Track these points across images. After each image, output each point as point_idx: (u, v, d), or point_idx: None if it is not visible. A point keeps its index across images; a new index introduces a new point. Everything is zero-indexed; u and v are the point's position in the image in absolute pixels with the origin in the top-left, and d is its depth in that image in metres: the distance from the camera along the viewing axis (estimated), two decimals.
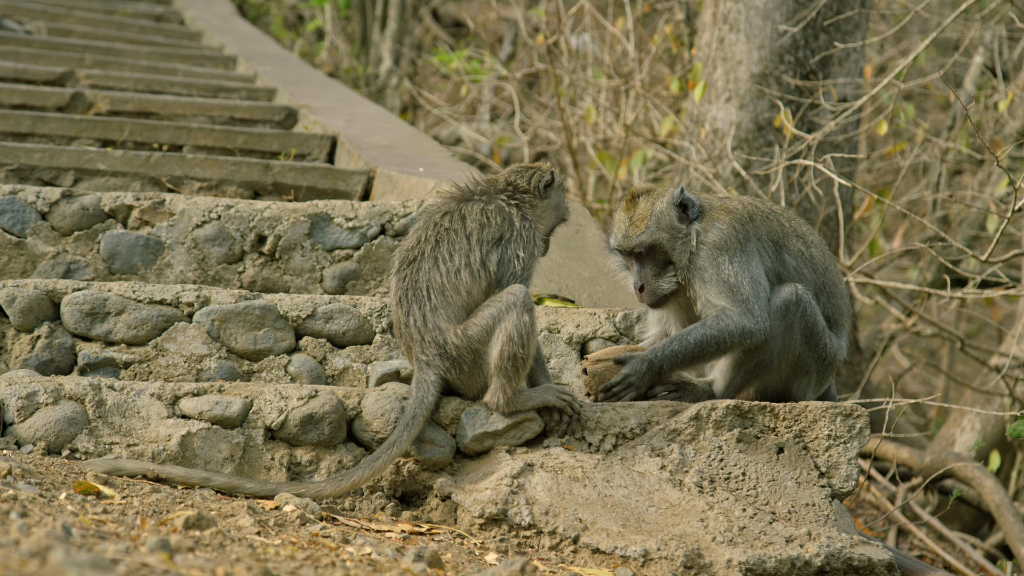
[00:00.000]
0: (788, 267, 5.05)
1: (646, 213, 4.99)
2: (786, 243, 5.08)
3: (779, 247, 5.06)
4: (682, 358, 4.91)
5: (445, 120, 12.84)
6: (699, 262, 4.96)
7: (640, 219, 4.99)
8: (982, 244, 10.29)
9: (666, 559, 4.40)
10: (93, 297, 5.27)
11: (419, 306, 4.61)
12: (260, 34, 12.40)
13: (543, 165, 4.94)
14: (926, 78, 10.05)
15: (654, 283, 5.00)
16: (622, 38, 10.17)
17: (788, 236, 5.09)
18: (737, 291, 4.91)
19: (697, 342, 4.89)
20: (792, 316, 4.94)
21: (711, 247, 4.95)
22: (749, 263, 4.95)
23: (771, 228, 5.07)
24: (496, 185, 4.84)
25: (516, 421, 4.66)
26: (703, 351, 4.90)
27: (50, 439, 4.53)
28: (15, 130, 7.79)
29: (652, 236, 4.97)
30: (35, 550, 2.97)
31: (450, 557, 4.18)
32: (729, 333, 4.88)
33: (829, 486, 4.75)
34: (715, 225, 4.98)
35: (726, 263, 4.92)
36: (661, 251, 4.98)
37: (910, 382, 12.79)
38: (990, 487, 7.89)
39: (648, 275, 5.00)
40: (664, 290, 5.00)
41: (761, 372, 4.99)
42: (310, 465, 4.67)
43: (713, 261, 4.93)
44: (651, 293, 5.00)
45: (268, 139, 8.10)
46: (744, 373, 5.00)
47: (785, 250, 5.06)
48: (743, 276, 4.92)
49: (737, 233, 4.97)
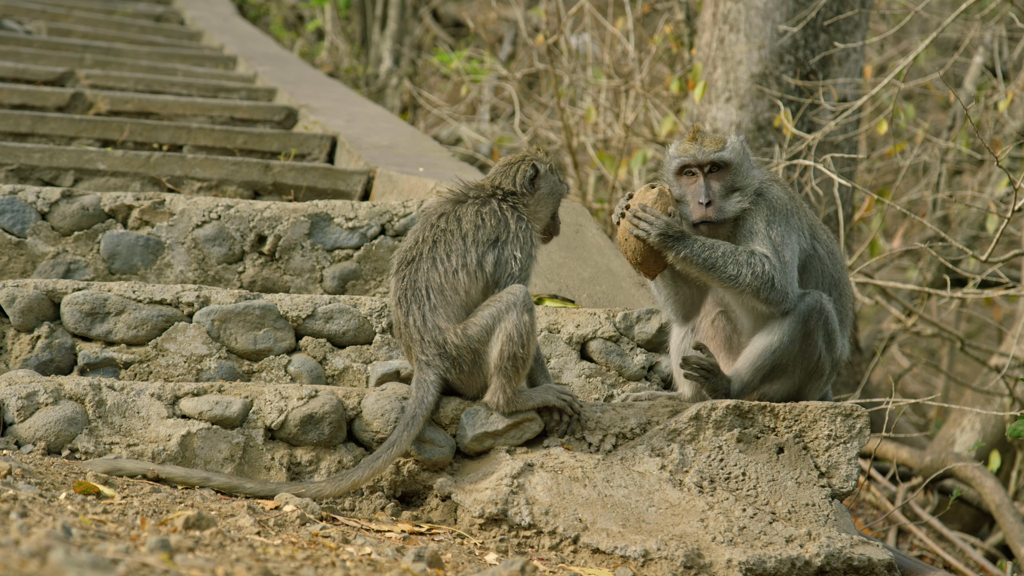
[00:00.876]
0: (818, 253, 5.06)
1: (721, 138, 4.97)
2: (816, 232, 5.11)
3: (814, 233, 5.09)
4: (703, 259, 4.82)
5: (445, 120, 12.85)
6: (760, 212, 4.95)
7: (713, 141, 4.96)
8: (982, 244, 10.30)
9: (666, 559, 4.40)
10: (93, 297, 5.27)
11: (418, 306, 4.62)
12: (260, 34, 12.40)
13: (526, 155, 4.87)
14: (926, 78, 10.05)
15: (721, 202, 4.93)
16: (622, 38, 10.17)
17: (817, 227, 5.13)
18: (779, 251, 4.89)
19: (724, 254, 4.84)
20: (813, 323, 4.94)
21: (767, 204, 4.96)
22: (791, 235, 4.96)
23: (808, 213, 5.12)
24: (486, 190, 4.82)
25: (516, 421, 4.66)
26: (724, 265, 4.82)
27: (50, 439, 4.53)
28: (15, 130, 7.79)
29: (731, 155, 4.94)
30: (35, 550, 2.97)
31: (450, 557, 4.18)
32: (754, 274, 4.83)
33: (829, 486, 4.75)
34: (773, 187, 5.00)
35: (776, 225, 4.93)
36: (730, 174, 4.94)
37: (910, 382, 12.79)
38: (990, 487, 7.89)
39: (716, 192, 4.93)
40: (729, 211, 4.93)
41: (777, 376, 4.99)
42: (310, 465, 4.67)
43: (764, 218, 4.93)
44: (718, 209, 4.92)
45: (268, 139, 8.10)
46: (762, 376, 4.98)
47: (816, 238, 5.09)
48: (787, 243, 4.92)
49: (788, 202, 5.00)
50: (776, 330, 4.93)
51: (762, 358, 4.95)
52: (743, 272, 4.83)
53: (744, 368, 4.99)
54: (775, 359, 4.94)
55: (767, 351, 4.94)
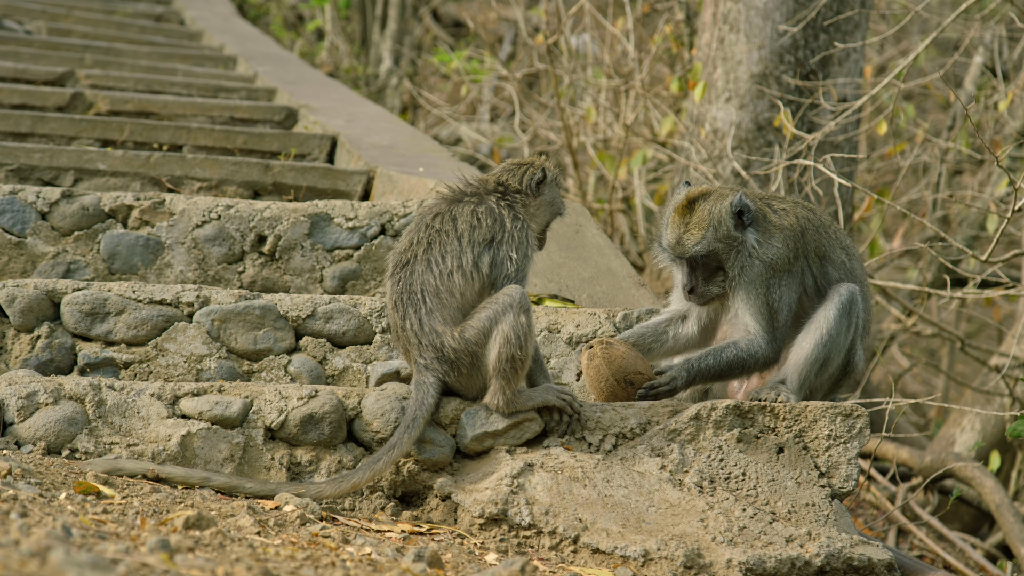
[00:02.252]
0: (830, 279, 5.15)
1: (703, 220, 5.01)
2: (831, 255, 5.17)
3: (824, 260, 5.16)
4: (715, 372, 5.04)
5: (445, 120, 12.84)
6: (751, 275, 5.03)
7: (697, 226, 5.02)
8: (982, 244, 10.29)
9: (666, 559, 4.40)
10: (93, 297, 5.27)
11: (414, 309, 4.60)
12: (260, 34, 12.40)
13: (536, 161, 4.89)
14: (926, 78, 10.04)
15: (704, 287, 5.08)
16: (622, 38, 10.17)
17: (833, 248, 5.19)
18: (774, 318, 5.04)
19: (729, 361, 5.03)
20: (854, 315, 5.03)
21: (766, 265, 5.03)
22: (791, 287, 5.08)
23: (819, 242, 5.15)
24: (487, 185, 4.81)
25: (516, 421, 4.66)
26: (732, 369, 5.05)
27: (50, 439, 4.53)
28: (15, 130, 7.79)
29: (709, 246, 5.02)
30: (35, 550, 2.97)
31: (450, 557, 4.18)
32: (755, 359, 5.04)
33: (829, 486, 4.75)
34: (772, 242, 5.06)
35: (775, 286, 5.04)
36: (715, 258, 5.04)
37: (910, 382, 12.79)
38: (990, 487, 7.89)
39: (699, 279, 5.07)
40: (713, 293, 5.10)
41: (824, 369, 5.04)
42: (310, 465, 4.67)
43: (764, 281, 5.03)
44: (701, 295, 5.09)
45: (268, 139, 8.10)
46: (818, 369, 5.03)
47: (829, 262, 5.16)
48: (783, 303, 5.05)
49: (789, 252, 5.06)
50: (821, 323, 5.03)
51: (816, 350, 4.99)
52: (746, 363, 5.05)
53: (799, 362, 5.01)
54: (827, 350, 5.00)
55: (819, 343, 5.00)
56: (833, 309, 5.02)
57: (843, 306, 5.02)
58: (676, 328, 5.25)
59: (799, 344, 5.03)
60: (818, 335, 5.00)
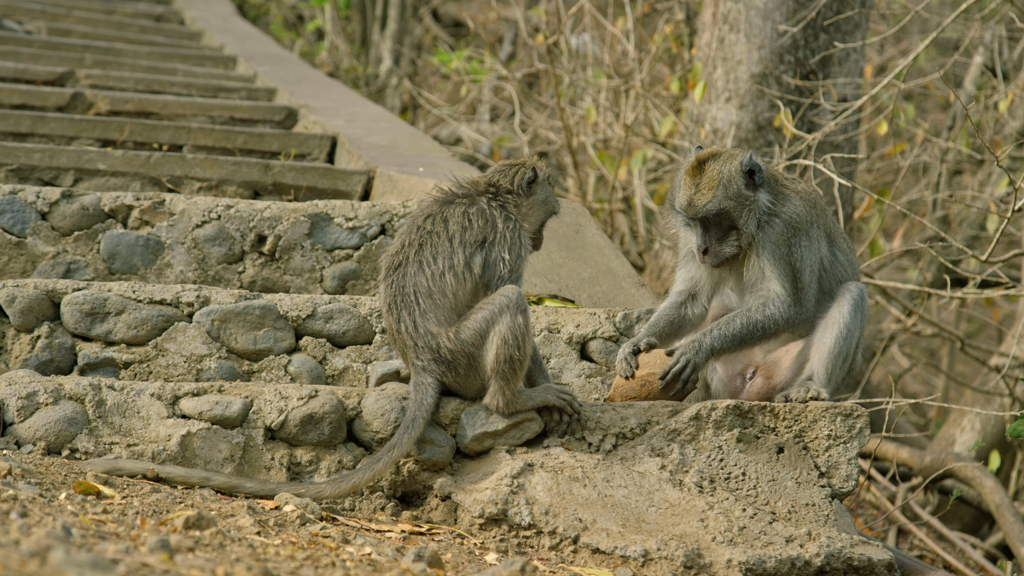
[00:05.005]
0: (838, 260, 5.14)
1: (713, 180, 4.99)
2: (835, 238, 5.16)
3: (831, 240, 5.14)
4: (729, 340, 4.97)
5: (445, 120, 12.84)
6: (771, 234, 4.99)
7: (707, 185, 4.99)
8: (982, 244, 10.29)
9: (666, 559, 4.40)
10: (93, 297, 5.27)
11: (408, 312, 4.59)
12: (260, 34, 12.40)
13: (527, 161, 4.88)
14: (926, 78, 10.04)
15: (718, 247, 5.02)
16: (622, 38, 10.17)
17: (836, 232, 5.17)
18: (797, 278, 4.99)
19: (743, 326, 4.97)
20: (863, 312, 5.05)
21: (786, 223, 5.00)
22: (811, 249, 5.04)
23: (827, 219, 5.16)
24: (479, 186, 4.79)
25: (516, 421, 4.66)
26: (749, 335, 4.99)
27: (50, 439, 4.53)
28: (15, 130, 7.79)
29: (720, 204, 4.98)
30: (35, 550, 2.97)
31: (450, 557, 4.18)
32: (775, 321, 4.98)
33: (829, 486, 4.75)
34: (790, 200, 5.03)
35: (797, 244, 5.00)
36: (727, 217, 5.00)
37: (910, 382, 12.79)
38: (990, 487, 7.90)
39: (712, 239, 5.02)
40: (727, 254, 5.04)
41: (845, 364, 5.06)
42: (310, 465, 4.67)
43: (785, 239, 5.00)
44: (715, 256, 5.03)
45: (268, 139, 8.10)
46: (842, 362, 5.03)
47: (836, 247, 5.15)
48: (807, 262, 5.01)
49: (808, 214, 5.04)
50: (838, 318, 5.02)
51: (838, 344, 5.00)
52: (768, 326, 4.99)
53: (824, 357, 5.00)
54: (847, 344, 5.01)
55: (839, 336, 5.00)
56: (847, 305, 5.02)
57: (856, 303, 5.02)
58: (688, 309, 5.19)
59: (820, 340, 5.02)
60: (837, 330, 4.99)
